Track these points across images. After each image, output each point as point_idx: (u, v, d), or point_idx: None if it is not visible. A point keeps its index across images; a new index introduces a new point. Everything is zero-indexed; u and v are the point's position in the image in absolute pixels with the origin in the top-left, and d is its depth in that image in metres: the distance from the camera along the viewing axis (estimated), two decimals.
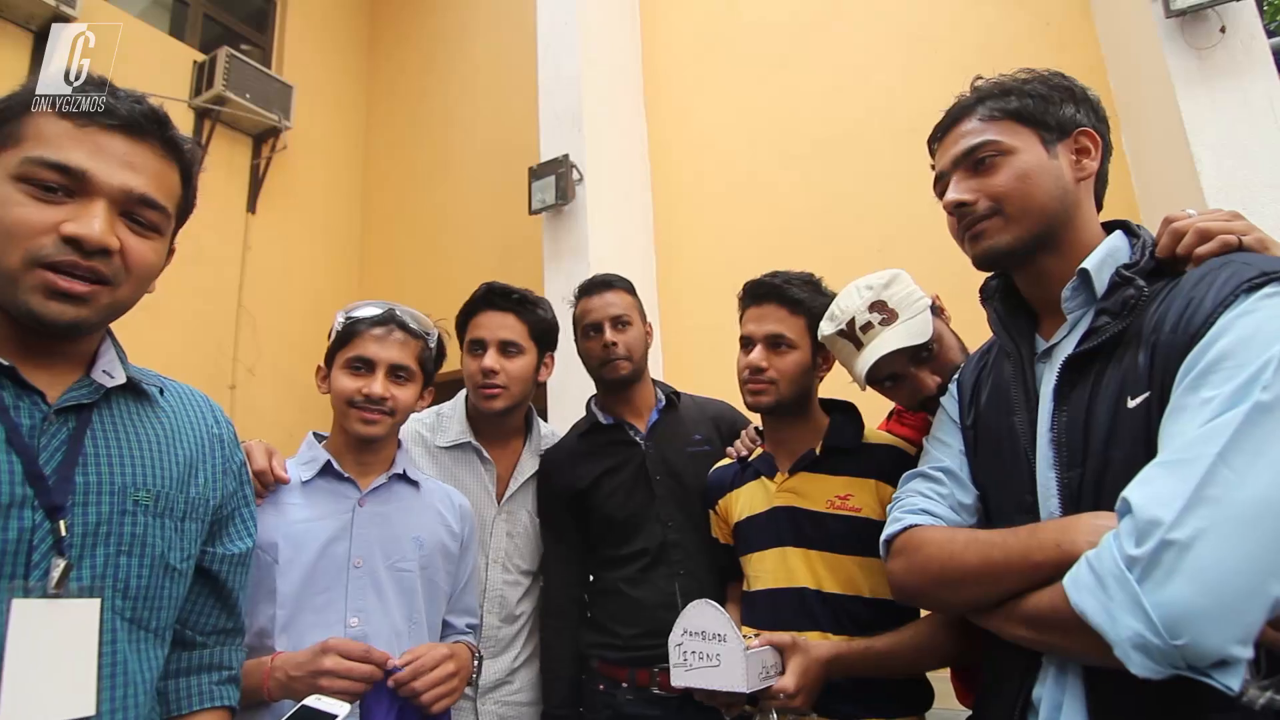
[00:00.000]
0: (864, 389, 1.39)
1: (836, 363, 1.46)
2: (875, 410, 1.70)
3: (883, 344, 1.30)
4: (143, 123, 0.81)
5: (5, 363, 0.78)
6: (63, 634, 0.76)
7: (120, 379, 0.88)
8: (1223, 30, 2.55)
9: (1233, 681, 0.67)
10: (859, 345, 1.32)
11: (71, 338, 0.84)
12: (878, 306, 1.32)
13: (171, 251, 0.91)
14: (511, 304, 1.70)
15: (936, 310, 1.39)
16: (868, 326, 1.32)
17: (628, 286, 1.81)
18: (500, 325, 1.68)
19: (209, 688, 0.98)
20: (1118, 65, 3.01)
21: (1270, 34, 2.69)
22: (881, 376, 1.35)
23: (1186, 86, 2.56)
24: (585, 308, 1.78)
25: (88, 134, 0.78)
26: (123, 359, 0.91)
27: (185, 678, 0.97)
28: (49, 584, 0.76)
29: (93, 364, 0.87)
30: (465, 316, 1.74)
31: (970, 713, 1.35)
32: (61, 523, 0.77)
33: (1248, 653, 0.67)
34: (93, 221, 0.76)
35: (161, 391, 0.96)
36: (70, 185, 0.77)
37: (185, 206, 0.91)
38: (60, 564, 0.76)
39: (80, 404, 0.84)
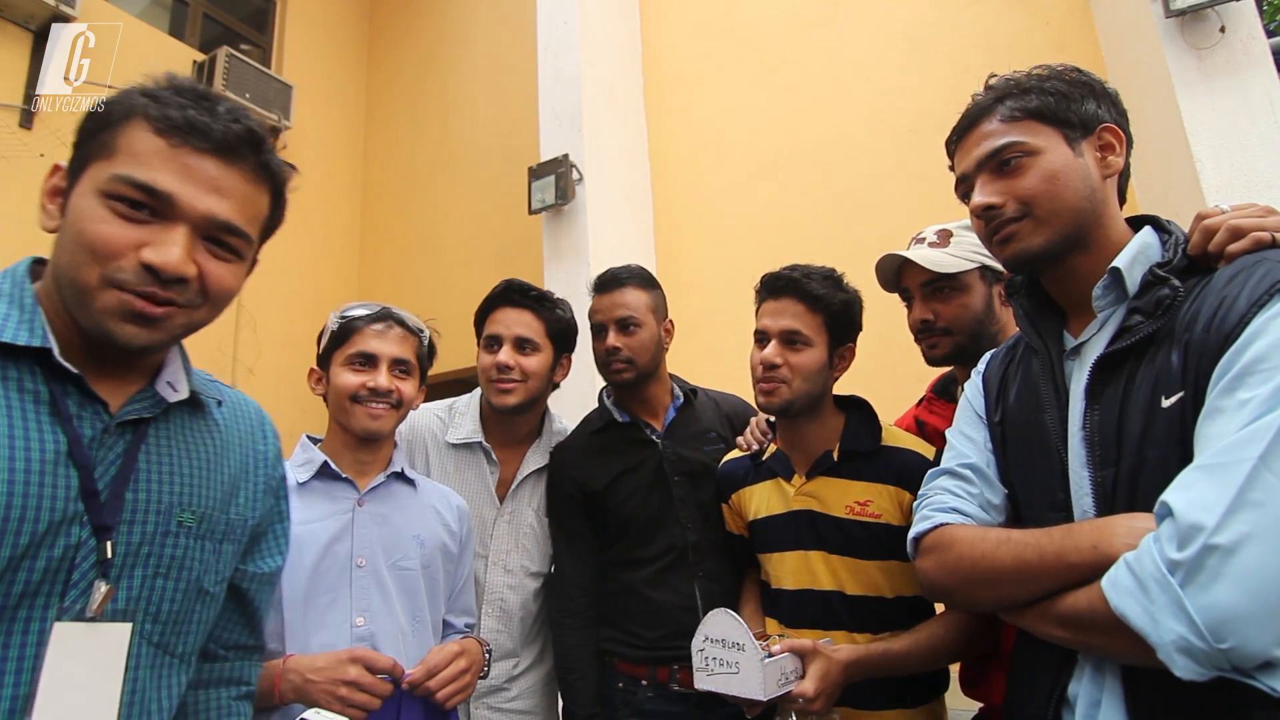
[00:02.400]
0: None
1: (853, 363, 1.47)
2: (902, 398, 1.68)
3: (908, 251, 1.40)
4: (235, 145, 0.78)
5: (74, 370, 0.74)
6: (93, 659, 0.72)
7: (184, 393, 0.85)
8: (1222, 30, 2.55)
9: (1277, 683, 0.67)
10: None
11: (142, 356, 0.81)
12: (943, 233, 1.41)
13: (254, 263, 0.88)
14: (530, 301, 1.70)
15: (1000, 283, 1.37)
16: (921, 240, 1.42)
17: (641, 281, 1.75)
18: (517, 322, 1.68)
19: (227, 702, 0.97)
20: (1117, 65, 3.00)
21: (1270, 34, 2.69)
22: (899, 284, 1.45)
23: (1186, 86, 2.55)
24: (595, 306, 1.74)
25: (179, 154, 0.74)
26: (188, 369, 0.88)
27: (205, 690, 0.95)
28: (89, 607, 0.73)
29: (158, 373, 0.84)
30: (483, 313, 1.74)
31: (981, 706, 1.36)
32: (108, 544, 0.74)
33: None
34: (171, 249, 0.73)
35: (219, 404, 0.92)
36: (156, 206, 0.74)
37: (272, 225, 0.89)
38: (103, 588, 0.74)
39: (140, 417, 0.81)
